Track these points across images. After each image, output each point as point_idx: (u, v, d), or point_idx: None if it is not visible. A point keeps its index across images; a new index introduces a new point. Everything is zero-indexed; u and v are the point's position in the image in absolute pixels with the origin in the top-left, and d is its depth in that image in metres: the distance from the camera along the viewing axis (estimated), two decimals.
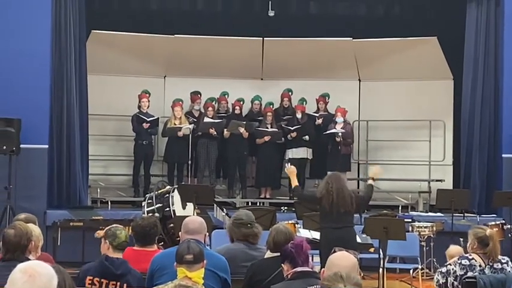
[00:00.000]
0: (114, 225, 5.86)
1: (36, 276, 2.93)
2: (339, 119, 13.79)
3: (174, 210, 10.15)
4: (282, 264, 4.84)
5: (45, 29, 11.86)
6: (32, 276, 2.92)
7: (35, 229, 5.62)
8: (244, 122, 13.70)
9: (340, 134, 13.56)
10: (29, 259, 4.91)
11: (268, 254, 5.70)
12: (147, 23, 14.56)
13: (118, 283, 5.39)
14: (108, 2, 13.97)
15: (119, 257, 5.52)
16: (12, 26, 11.72)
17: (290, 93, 14.43)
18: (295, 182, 8.71)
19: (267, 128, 13.77)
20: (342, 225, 8.31)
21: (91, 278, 5.42)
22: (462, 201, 11.58)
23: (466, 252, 6.55)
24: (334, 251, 4.14)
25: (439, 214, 12.43)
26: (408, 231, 10.17)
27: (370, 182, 8.96)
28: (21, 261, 3.23)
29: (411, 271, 10.26)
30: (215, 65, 14.54)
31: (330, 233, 8.26)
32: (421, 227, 10.83)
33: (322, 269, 3.94)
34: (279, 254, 5.09)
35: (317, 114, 14.19)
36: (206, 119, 13.64)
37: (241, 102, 14.31)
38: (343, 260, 3.95)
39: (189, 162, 13.35)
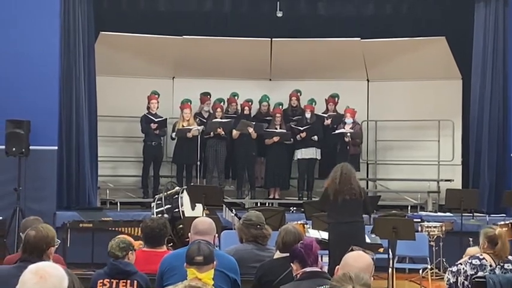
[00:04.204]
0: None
1: (47, 277, 2.94)
2: (348, 119, 13.76)
3: (183, 211, 10.15)
4: (291, 264, 4.84)
5: (53, 31, 11.88)
6: (42, 277, 2.94)
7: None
8: (254, 123, 13.71)
9: (348, 134, 13.55)
10: None
11: (278, 255, 5.69)
12: (155, 24, 14.56)
13: (128, 281, 5.42)
14: (117, 4, 13.97)
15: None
16: (21, 28, 11.74)
17: (299, 93, 14.42)
18: None
19: (276, 128, 13.76)
20: (349, 220, 8.30)
21: (101, 280, 5.46)
22: (471, 201, 11.54)
23: None
24: (352, 250, 4.11)
25: (448, 214, 12.39)
26: (417, 231, 10.17)
27: None
28: None
29: (420, 271, 10.24)
30: (223, 65, 14.54)
31: (338, 228, 8.26)
32: (430, 227, 10.81)
33: (337, 267, 3.92)
34: (288, 254, 5.08)
35: (326, 115, 14.18)
36: (214, 119, 13.65)
37: (250, 103, 14.32)
38: (358, 260, 3.92)
39: (198, 163, 13.36)
